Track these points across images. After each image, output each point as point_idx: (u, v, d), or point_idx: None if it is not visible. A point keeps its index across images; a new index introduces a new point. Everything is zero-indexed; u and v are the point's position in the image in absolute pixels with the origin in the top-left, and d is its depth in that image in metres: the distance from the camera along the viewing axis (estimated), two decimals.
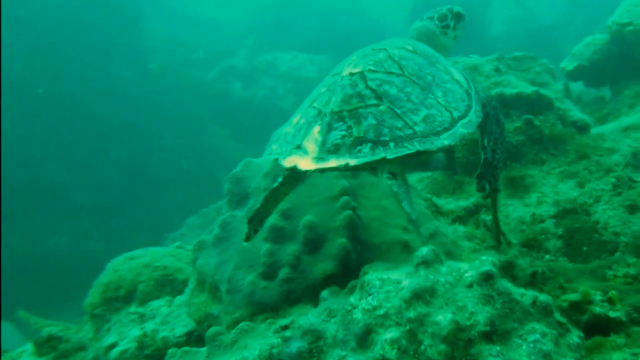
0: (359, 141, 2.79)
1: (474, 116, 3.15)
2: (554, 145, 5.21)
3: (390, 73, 3.11)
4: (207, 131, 19.86)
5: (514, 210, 4.84)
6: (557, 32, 23.39)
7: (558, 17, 23.76)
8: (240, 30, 22.97)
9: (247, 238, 3.51)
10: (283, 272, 3.79)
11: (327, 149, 2.81)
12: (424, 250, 2.66)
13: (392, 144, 2.77)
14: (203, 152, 19.45)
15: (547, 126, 5.25)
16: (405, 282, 2.58)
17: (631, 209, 4.48)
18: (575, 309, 3.65)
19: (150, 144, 18.73)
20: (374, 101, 2.93)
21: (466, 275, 2.54)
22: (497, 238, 4.30)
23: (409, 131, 2.83)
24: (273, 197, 3.45)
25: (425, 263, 2.62)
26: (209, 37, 22.89)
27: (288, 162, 2.96)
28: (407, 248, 3.98)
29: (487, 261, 2.56)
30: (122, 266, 5.08)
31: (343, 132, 2.84)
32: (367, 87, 3.00)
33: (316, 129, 2.91)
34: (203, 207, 14.81)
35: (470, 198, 5.04)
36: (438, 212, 4.78)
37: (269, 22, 23.15)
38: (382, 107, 2.90)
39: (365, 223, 4.08)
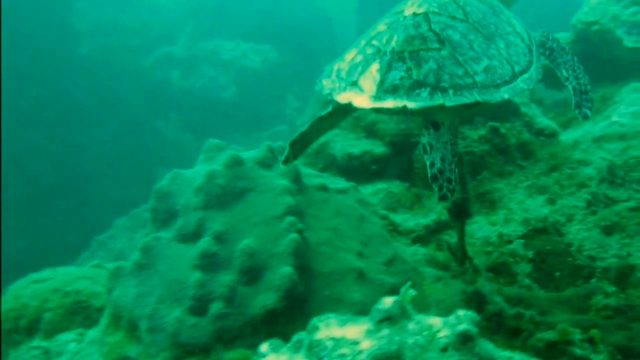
0: (418, 84, 2.77)
1: (535, 73, 3.12)
2: (522, 156, 4.89)
3: (454, 18, 3.11)
4: (142, 122, 18.95)
5: (478, 229, 4.47)
6: None
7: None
8: (179, 15, 22.07)
9: (286, 160, 3.34)
10: (216, 307, 3.39)
11: (385, 89, 2.78)
12: (387, 304, 2.21)
13: (451, 91, 2.75)
14: (138, 145, 18.57)
15: (513, 134, 4.92)
16: (365, 344, 2.12)
17: (608, 230, 4.18)
18: (552, 350, 3.31)
19: (81, 135, 17.70)
20: (436, 45, 2.92)
21: (440, 335, 2.11)
22: (462, 262, 3.90)
23: (469, 80, 2.81)
24: (318, 127, 3.38)
25: (389, 319, 2.17)
26: (146, 21, 21.88)
27: (342, 98, 2.90)
28: (362, 277, 3.54)
29: (465, 317, 2.14)
30: (25, 291, 4.43)
31: (402, 74, 2.81)
32: (431, 29, 2.98)
33: (375, 66, 2.87)
34: (135, 206, 14.02)
35: (430, 214, 4.64)
36: (396, 231, 4.36)
37: (210, 8, 22.30)
38: (444, 52, 2.90)
39: (314, 247, 3.62)
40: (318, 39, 22.98)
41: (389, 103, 2.74)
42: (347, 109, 3.25)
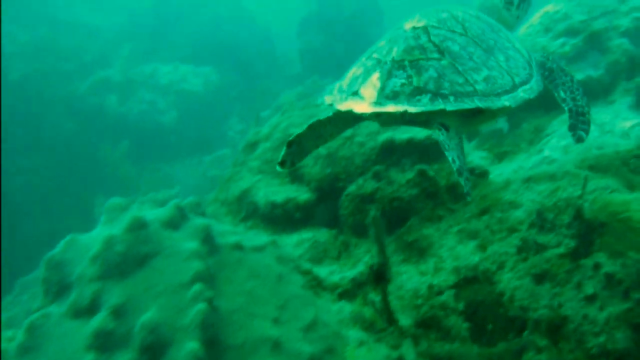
0: (419, 91, 2.84)
1: (535, 85, 3.23)
2: (452, 198, 4.74)
3: (454, 32, 3.20)
4: (78, 150, 18.27)
5: (408, 280, 4.29)
6: None
7: None
8: (115, 37, 21.56)
9: (282, 164, 3.37)
10: None
11: (386, 95, 2.86)
12: None
13: (452, 98, 2.83)
14: (74, 174, 17.87)
15: (443, 176, 4.78)
16: None
17: (539, 278, 4.06)
18: None
19: (9, 165, 16.92)
20: (436, 55, 3.01)
21: None
22: (388, 323, 3.70)
23: (470, 88, 2.91)
24: (317, 132, 3.43)
25: None
26: (81, 43, 21.24)
27: (343, 107, 2.98)
28: (277, 348, 3.29)
29: None
30: None
31: (403, 81, 2.90)
32: (430, 40, 3.08)
33: (375, 75, 2.96)
34: None
35: (358, 264, 4.43)
36: (320, 286, 4.13)
37: (147, 30, 21.92)
38: (443, 62, 2.99)
39: (226, 316, 3.35)
40: (260, 58, 22.83)
41: (390, 108, 2.81)
42: (348, 118, 3.35)
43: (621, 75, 7.05)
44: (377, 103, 2.87)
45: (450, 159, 2.91)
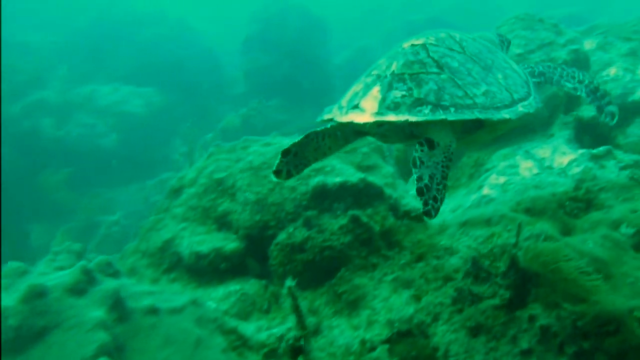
0: (420, 102, 2.93)
1: (534, 101, 3.31)
2: (387, 245, 4.62)
3: (452, 50, 3.32)
4: (11, 177, 17.52)
5: (340, 335, 4.12)
6: None
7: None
8: (51, 57, 20.90)
9: (278, 174, 3.37)
10: None
11: (387, 106, 2.95)
12: None
13: (452, 109, 2.92)
14: (7, 201, 17.10)
15: (377, 220, 4.66)
16: None
17: (474, 331, 3.96)
18: None
19: None
20: (435, 69, 3.12)
21: None
22: None
23: (469, 101, 3.00)
24: (315, 143, 3.47)
25: None
26: (14, 63, 20.50)
27: (344, 119, 3.05)
28: None
29: None
30: None
31: (403, 92, 2.99)
32: (429, 56, 3.19)
33: (375, 88, 3.06)
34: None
35: (288, 318, 4.24)
36: (245, 346, 3.92)
37: (85, 49, 21.35)
38: (443, 76, 3.09)
39: None
40: (204, 78, 22.50)
41: (391, 117, 2.89)
42: (348, 133, 3.42)
43: (560, 108, 7.13)
44: (379, 113, 2.94)
45: (416, 176, 2.87)
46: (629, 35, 8.33)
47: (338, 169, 4.83)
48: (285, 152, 3.39)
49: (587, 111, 6.90)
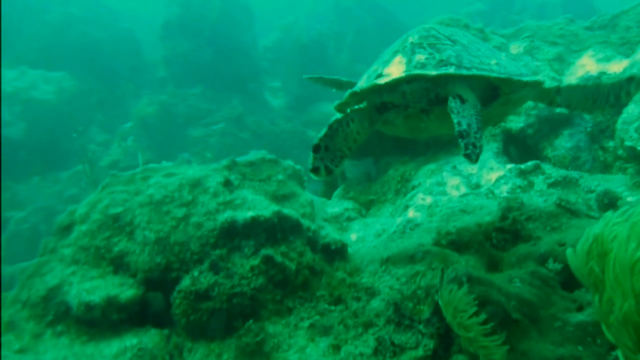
0: (443, 62, 3.18)
1: (537, 77, 3.66)
2: (303, 285, 4.33)
3: (457, 34, 3.59)
4: None
5: None
6: (330, 45, 23.98)
7: (330, 29, 24.41)
8: None
9: (316, 171, 3.43)
10: None
11: (414, 65, 3.17)
12: None
13: (474, 70, 3.20)
14: None
15: (292, 258, 4.36)
16: None
17: None
18: None
19: None
20: (449, 42, 3.37)
21: None
22: None
23: (487, 67, 3.28)
24: (343, 132, 3.47)
25: None
26: None
27: (371, 87, 3.28)
28: None
29: None
30: None
31: (427, 56, 3.24)
32: (440, 33, 3.46)
33: (397, 57, 3.29)
34: None
35: None
36: None
37: None
38: (457, 47, 3.36)
39: None
40: (123, 61, 21.51)
41: (423, 72, 3.13)
42: (372, 112, 3.53)
43: None
44: (408, 70, 3.15)
45: (456, 121, 3.06)
46: (555, 40, 8.31)
47: (250, 201, 4.47)
48: (316, 148, 3.42)
49: (516, 122, 6.81)
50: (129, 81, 20.76)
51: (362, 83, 3.44)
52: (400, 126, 3.85)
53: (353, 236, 5.71)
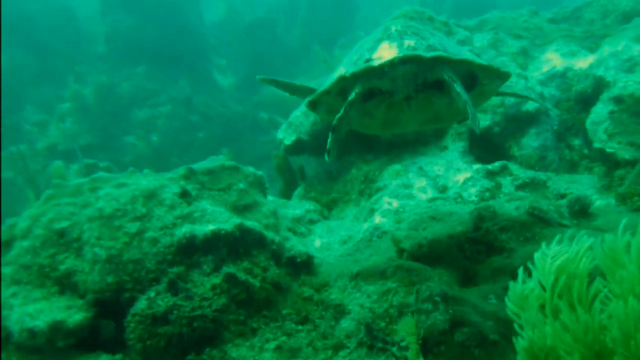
0: (432, 48, 3.35)
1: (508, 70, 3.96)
2: (268, 303, 4.13)
3: (432, 34, 3.68)
4: None
5: None
6: (281, 20, 23.59)
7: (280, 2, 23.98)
8: None
9: (330, 152, 3.42)
10: None
11: (407, 49, 3.33)
12: None
13: (458, 56, 3.40)
14: None
15: (256, 274, 4.17)
16: None
17: None
18: None
19: None
20: (428, 34, 3.56)
21: None
22: None
23: (465, 57, 3.46)
24: (348, 115, 3.50)
25: None
26: None
27: (364, 70, 3.36)
28: None
29: None
30: None
31: (415, 41, 3.40)
32: (417, 28, 3.61)
33: (385, 44, 3.42)
34: None
35: None
36: None
37: None
38: (436, 38, 3.54)
39: None
40: (59, 36, 20.51)
41: (417, 53, 3.27)
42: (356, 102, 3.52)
43: None
44: (402, 52, 3.28)
45: (463, 97, 3.25)
46: (520, 33, 8.28)
47: (209, 214, 4.23)
48: (335, 129, 3.43)
49: (482, 121, 6.73)
50: (66, 58, 19.87)
51: (340, 72, 3.48)
52: (377, 118, 3.83)
53: (317, 242, 5.52)
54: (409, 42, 3.36)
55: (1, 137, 14.25)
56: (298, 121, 7.19)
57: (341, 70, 3.54)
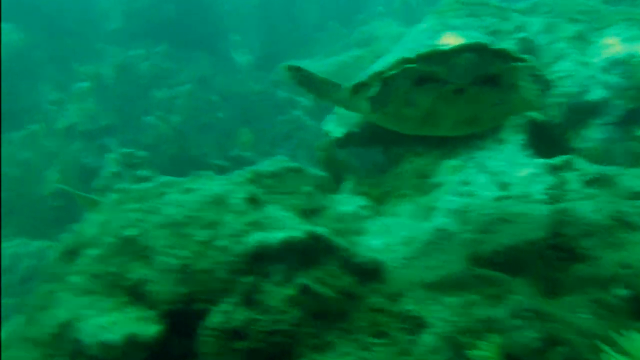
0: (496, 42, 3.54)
1: None
2: (342, 314, 4.05)
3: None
4: None
5: None
6: None
7: None
8: None
9: None
10: None
11: (473, 38, 3.45)
12: None
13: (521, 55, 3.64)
14: None
15: (329, 284, 4.08)
16: None
17: None
18: None
19: None
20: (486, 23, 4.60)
21: None
22: None
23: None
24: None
25: None
26: None
27: (430, 53, 3.45)
28: None
29: None
30: None
31: (479, 34, 3.61)
32: (474, 19, 4.69)
33: (448, 34, 3.47)
34: None
35: None
36: None
37: None
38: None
39: None
40: (75, 14, 20.39)
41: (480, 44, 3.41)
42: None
43: None
44: (473, 39, 3.39)
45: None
46: (575, 16, 8.06)
47: (279, 220, 4.15)
48: None
49: (540, 111, 6.58)
50: (83, 37, 19.77)
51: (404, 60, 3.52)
52: (421, 109, 3.76)
53: (375, 242, 5.44)
54: (474, 34, 3.48)
55: (1, 132, 14.19)
56: (346, 113, 7.05)
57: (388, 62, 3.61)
